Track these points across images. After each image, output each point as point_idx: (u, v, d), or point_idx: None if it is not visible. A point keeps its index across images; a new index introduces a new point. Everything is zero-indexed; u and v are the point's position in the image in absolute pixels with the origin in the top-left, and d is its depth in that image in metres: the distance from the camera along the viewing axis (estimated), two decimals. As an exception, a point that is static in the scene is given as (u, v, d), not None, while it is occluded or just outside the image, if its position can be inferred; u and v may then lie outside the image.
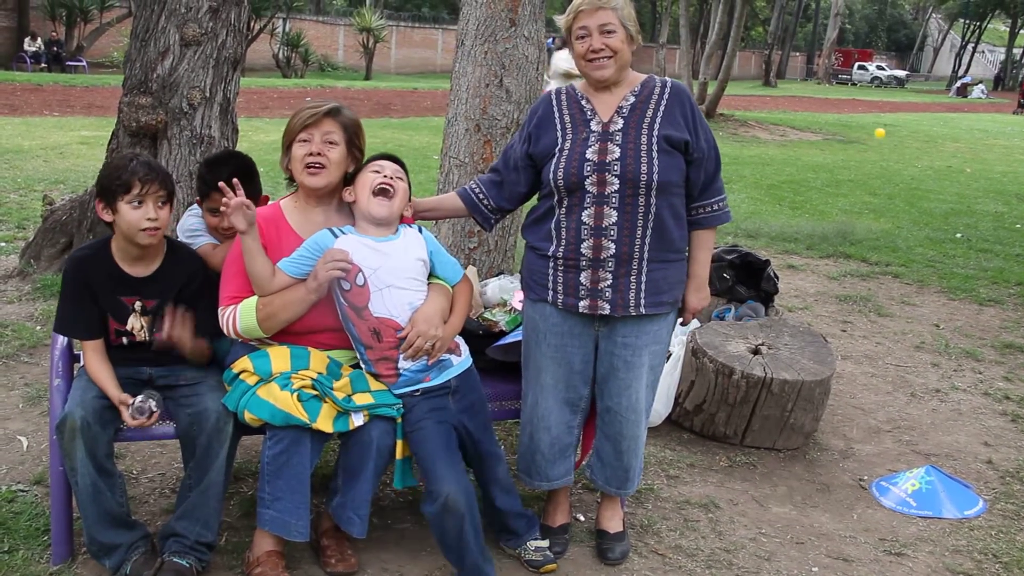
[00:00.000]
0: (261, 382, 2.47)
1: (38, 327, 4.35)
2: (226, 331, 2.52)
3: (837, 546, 2.99)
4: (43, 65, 23.68)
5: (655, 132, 2.50)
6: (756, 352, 3.71)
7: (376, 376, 2.57)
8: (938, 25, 65.97)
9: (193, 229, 2.87)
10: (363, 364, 2.58)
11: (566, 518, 2.91)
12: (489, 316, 3.10)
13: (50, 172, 8.37)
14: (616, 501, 2.89)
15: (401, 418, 2.54)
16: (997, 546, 3.04)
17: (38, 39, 24.38)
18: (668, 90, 2.58)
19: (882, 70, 52.56)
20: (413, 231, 2.66)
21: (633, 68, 2.62)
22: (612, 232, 2.50)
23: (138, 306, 2.56)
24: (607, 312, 2.56)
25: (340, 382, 2.52)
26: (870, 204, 9.88)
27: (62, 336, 2.65)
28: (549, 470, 2.79)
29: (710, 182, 2.62)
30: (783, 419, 3.57)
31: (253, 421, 2.45)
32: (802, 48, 58.79)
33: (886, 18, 68.13)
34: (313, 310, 2.53)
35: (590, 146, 2.51)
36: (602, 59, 2.51)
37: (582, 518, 3.04)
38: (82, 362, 2.60)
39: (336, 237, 2.53)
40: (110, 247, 2.56)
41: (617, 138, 2.50)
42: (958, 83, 45.73)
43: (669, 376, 3.64)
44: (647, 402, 2.73)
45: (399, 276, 2.54)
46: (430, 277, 2.66)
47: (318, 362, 2.54)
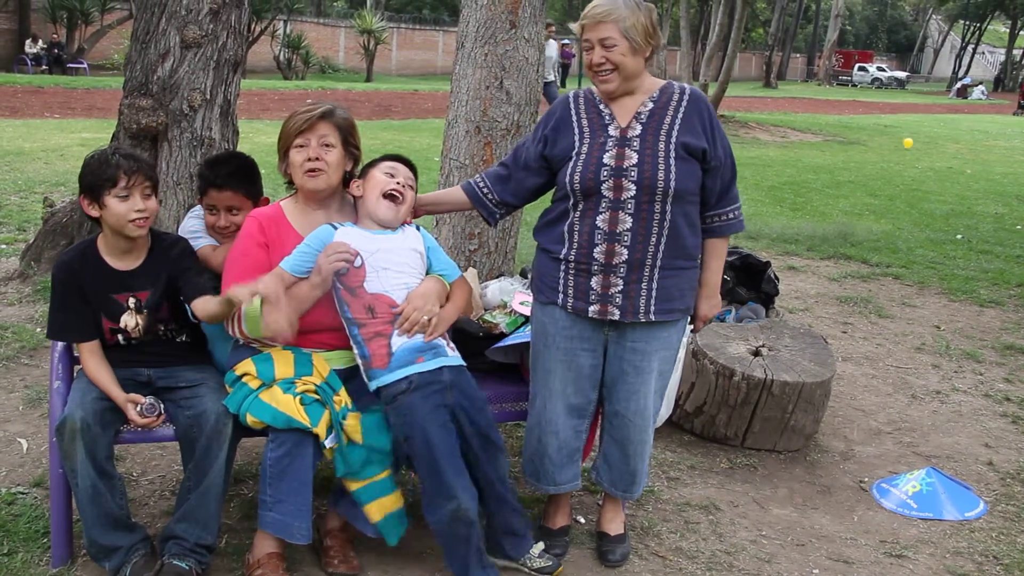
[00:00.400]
0: (264, 386, 2.47)
1: (38, 329, 4.35)
2: (230, 332, 2.52)
3: (838, 548, 2.99)
4: (44, 67, 23.72)
5: (673, 139, 2.49)
6: (757, 354, 3.71)
7: (368, 360, 2.50)
8: (938, 26, 65.98)
9: (193, 231, 2.88)
10: (355, 348, 2.53)
11: (566, 520, 2.91)
12: (489, 318, 3.10)
13: (51, 174, 8.37)
14: (618, 503, 2.89)
15: (396, 424, 2.48)
16: (998, 548, 3.03)
17: (39, 41, 24.41)
18: (687, 97, 2.56)
19: (882, 71, 52.58)
20: (411, 229, 2.70)
21: None
22: (626, 238, 2.49)
23: (132, 302, 2.56)
24: (616, 318, 2.55)
25: (339, 396, 2.52)
26: (871, 205, 9.87)
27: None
28: (557, 474, 2.77)
29: (726, 191, 2.60)
30: (784, 421, 3.57)
31: (255, 424, 2.45)
32: (802, 49, 58.79)
33: (886, 19, 68.16)
34: (314, 309, 2.53)
35: (608, 151, 2.50)
36: (604, 73, 2.50)
37: (582, 520, 3.04)
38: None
39: (336, 230, 2.56)
40: (96, 246, 2.57)
41: (635, 144, 2.49)
42: (958, 84, 45.72)
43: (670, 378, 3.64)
44: (655, 407, 2.72)
45: (395, 261, 2.57)
46: (427, 273, 2.67)
47: (321, 368, 2.54)
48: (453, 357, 2.59)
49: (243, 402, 2.47)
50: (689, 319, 2.74)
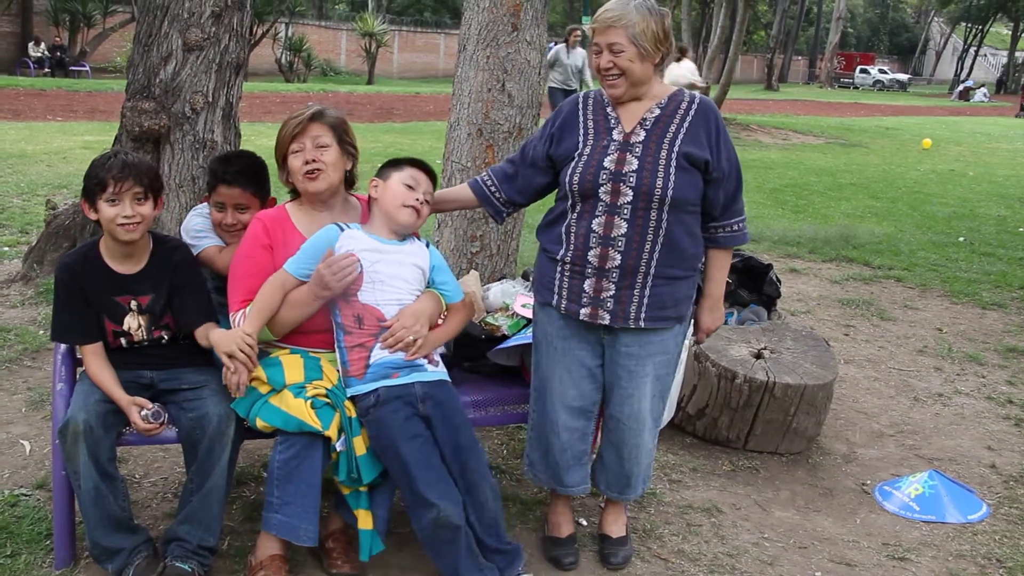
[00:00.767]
0: (273, 391, 2.47)
1: (41, 331, 4.36)
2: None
3: (840, 551, 2.98)
4: (47, 70, 23.79)
5: (675, 148, 2.48)
6: (759, 356, 3.71)
7: (346, 367, 2.51)
8: (940, 29, 65.94)
9: (198, 230, 2.85)
10: (337, 352, 2.54)
11: (571, 527, 2.88)
12: (491, 320, 3.10)
13: (53, 177, 8.39)
14: (619, 506, 2.89)
15: (368, 438, 2.47)
16: (1001, 551, 3.03)
17: (42, 44, 24.49)
18: (695, 107, 2.54)
19: (884, 74, 52.61)
20: (420, 244, 2.67)
21: None
22: (620, 243, 2.48)
23: (134, 305, 2.57)
24: (607, 322, 2.55)
25: (349, 402, 2.52)
26: (872, 208, 9.87)
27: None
28: (564, 476, 2.76)
29: (730, 203, 2.58)
30: (786, 423, 3.57)
31: (265, 428, 2.45)
32: (804, 52, 58.82)
33: (888, 22, 68.12)
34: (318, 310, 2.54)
35: (608, 155, 2.50)
36: (611, 78, 2.49)
37: (584, 523, 3.04)
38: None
39: (342, 231, 2.54)
40: (98, 248, 2.58)
41: (636, 150, 2.48)
42: (960, 87, 45.72)
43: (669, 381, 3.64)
44: (656, 411, 2.71)
45: (394, 275, 2.55)
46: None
47: (331, 372, 2.54)
48: (433, 372, 2.57)
49: (253, 407, 2.47)
50: (691, 327, 2.73)
